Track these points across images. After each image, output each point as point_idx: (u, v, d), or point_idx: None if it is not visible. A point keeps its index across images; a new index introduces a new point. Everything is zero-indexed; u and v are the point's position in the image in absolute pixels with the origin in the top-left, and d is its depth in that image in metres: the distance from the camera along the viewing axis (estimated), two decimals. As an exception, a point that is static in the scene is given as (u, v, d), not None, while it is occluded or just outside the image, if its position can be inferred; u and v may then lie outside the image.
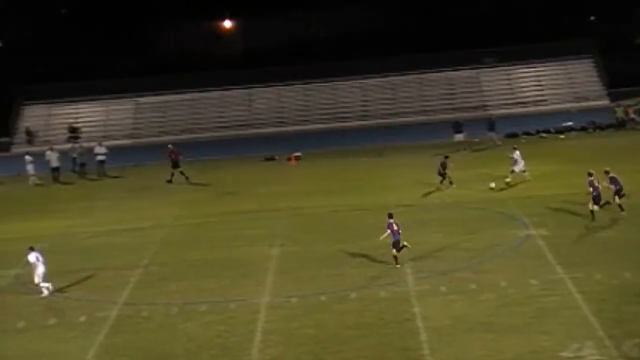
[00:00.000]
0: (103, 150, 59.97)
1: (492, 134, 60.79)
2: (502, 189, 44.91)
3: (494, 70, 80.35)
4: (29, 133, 76.78)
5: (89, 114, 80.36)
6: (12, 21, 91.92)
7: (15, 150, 73.52)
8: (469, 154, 57.83)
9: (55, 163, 58.33)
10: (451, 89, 79.51)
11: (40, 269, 33.12)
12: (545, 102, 76.96)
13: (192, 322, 29.37)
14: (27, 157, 58.42)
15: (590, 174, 37.92)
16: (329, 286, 31.96)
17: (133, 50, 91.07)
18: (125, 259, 37.28)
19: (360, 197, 46.01)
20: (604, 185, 37.96)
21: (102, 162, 59.58)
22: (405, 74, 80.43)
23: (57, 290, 33.60)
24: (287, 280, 33.22)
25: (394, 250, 33.71)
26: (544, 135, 63.19)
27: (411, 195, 45.52)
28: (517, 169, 46.50)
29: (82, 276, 35.42)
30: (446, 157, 47.54)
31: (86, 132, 76.76)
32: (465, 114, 72.87)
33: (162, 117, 79.83)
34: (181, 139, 75.53)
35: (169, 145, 57.91)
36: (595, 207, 37.52)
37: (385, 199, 44.79)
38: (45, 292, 33.03)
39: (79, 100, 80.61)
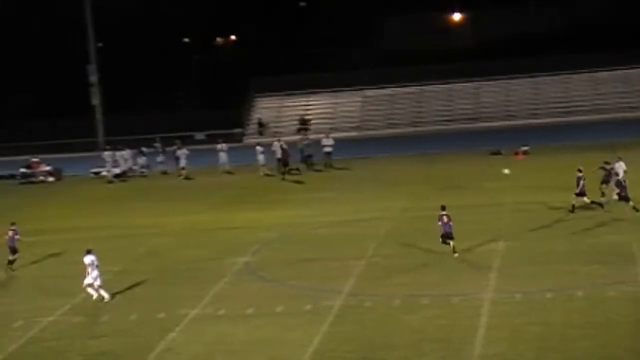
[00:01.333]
0: (330, 142, 60.91)
1: None
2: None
3: None
4: (260, 124, 78.94)
5: (318, 106, 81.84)
6: (246, 15, 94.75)
7: (247, 141, 75.72)
8: None
9: (280, 154, 59.71)
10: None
11: (95, 273, 32.71)
12: None
13: (414, 314, 29.36)
14: (258, 148, 60.09)
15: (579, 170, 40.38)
16: (556, 283, 31.22)
17: (362, 43, 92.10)
18: (350, 250, 37.68)
19: (589, 194, 44.61)
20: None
21: (329, 153, 60.53)
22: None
23: (282, 279, 34.38)
24: (512, 276, 32.69)
25: (442, 241, 35.22)
26: None
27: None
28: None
29: (309, 266, 36.08)
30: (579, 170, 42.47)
31: (314, 124, 78.23)
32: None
33: (390, 109, 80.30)
34: (407, 132, 75.86)
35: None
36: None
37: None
38: (95, 295, 32.69)
39: (308, 93, 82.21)
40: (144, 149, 63.94)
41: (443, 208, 35.73)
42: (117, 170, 62.34)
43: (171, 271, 36.74)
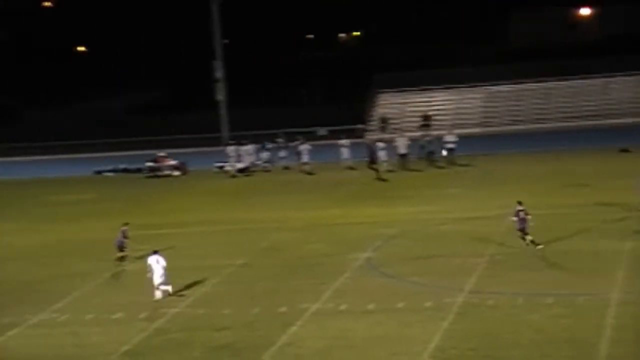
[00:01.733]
0: (453, 138, 60.40)
1: None
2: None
3: None
4: (383, 120, 78.75)
5: (441, 103, 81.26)
6: (369, 11, 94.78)
7: (369, 137, 75.58)
8: None
9: (403, 150, 59.45)
10: None
11: (159, 272, 32.92)
12: None
13: (538, 313, 28.88)
14: (379, 144, 59.91)
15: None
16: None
17: (487, 38, 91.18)
18: (472, 247, 37.27)
19: None
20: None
21: (451, 150, 60.01)
22: None
23: (403, 275, 34.25)
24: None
25: (520, 234, 35.78)
26: None
27: None
28: None
29: (430, 262, 35.84)
30: None
31: (437, 120, 77.69)
32: None
33: (515, 105, 79.18)
34: (531, 128, 74.71)
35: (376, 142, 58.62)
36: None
37: None
38: (159, 295, 32.96)
39: (431, 89, 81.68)
40: (267, 144, 64.51)
41: (520, 203, 36.05)
42: (240, 165, 63.04)
43: (293, 266, 36.96)
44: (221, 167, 64.10)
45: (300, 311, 30.80)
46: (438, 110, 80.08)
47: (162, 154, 66.61)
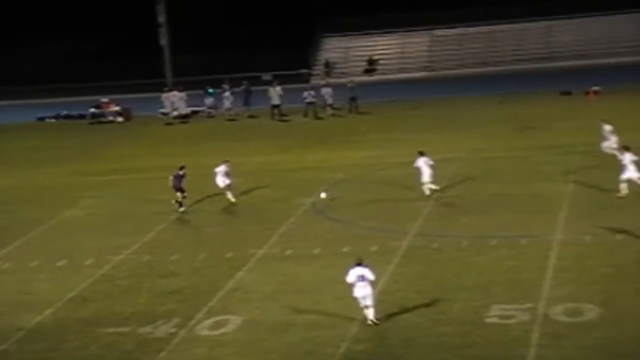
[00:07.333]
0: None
1: None
2: None
3: None
4: (327, 65, 78.58)
5: (385, 47, 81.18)
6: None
7: (314, 81, 75.34)
8: None
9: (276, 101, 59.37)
10: None
11: (426, 172, 35.90)
12: None
13: (482, 255, 29.26)
14: (325, 90, 59.88)
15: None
16: (625, 225, 30.78)
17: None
18: (418, 191, 37.49)
19: None
20: None
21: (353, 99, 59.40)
22: None
23: (349, 220, 34.48)
24: (581, 217, 32.36)
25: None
26: None
27: None
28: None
29: (376, 207, 36.06)
30: None
31: (382, 64, 77.69)
32: None
33: (458, 49, 79.35)
34: (477, 72, 74.93)
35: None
36: None
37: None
38: (427, 192, 35.89)
39: (375, 33, 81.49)
40: (210, 90, 64.03)
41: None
42: (180, 112, 62.48)
43: (240, 211, 36.99)
44: (166, 114, 63.65)
45: (248, 256, 30.90)
46: (383, 54, 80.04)
47: (105, 99, 65.95)
